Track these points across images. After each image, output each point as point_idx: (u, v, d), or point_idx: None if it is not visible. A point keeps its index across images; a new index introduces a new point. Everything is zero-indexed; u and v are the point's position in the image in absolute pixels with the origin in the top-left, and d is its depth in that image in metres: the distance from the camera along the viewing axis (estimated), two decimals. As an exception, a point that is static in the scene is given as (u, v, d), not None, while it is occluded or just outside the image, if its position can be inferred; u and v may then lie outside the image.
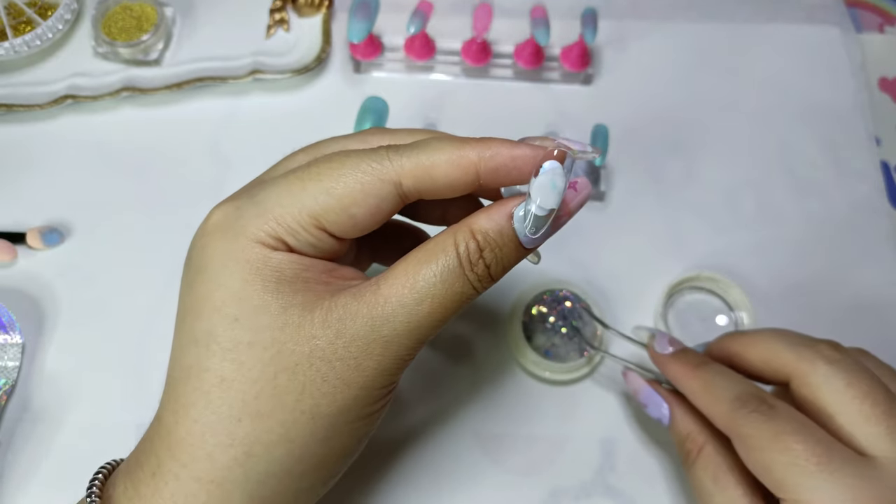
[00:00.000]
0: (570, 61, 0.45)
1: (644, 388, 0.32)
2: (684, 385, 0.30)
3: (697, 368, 0.29)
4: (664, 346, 0.32)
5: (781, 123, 0.45)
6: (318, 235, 0.24)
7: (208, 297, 0.23)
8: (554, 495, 0.34)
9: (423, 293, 0.23)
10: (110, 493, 0.24)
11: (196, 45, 0.46)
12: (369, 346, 0.23)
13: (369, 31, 0.42)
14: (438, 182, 0.23)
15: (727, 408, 0.27)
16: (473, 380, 0.37)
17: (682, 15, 0.49)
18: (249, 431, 0.23)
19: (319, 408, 0.23)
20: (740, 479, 0.27)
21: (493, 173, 0.23)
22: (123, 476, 0.24)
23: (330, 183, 0.23)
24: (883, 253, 0.41)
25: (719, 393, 0.28)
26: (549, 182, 0.22)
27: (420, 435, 0.36)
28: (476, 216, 0.24)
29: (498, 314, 0.38)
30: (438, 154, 0.23)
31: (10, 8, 0.46)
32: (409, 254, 0.24)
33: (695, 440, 0.29)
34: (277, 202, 0.23)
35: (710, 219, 0.42)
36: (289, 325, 0.23)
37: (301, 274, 0.24)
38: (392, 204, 0.24)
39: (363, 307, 0.23)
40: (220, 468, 0.23)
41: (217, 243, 0.23)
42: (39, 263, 0.39)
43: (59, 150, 0.43)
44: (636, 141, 0.44)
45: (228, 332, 0.23)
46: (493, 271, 0.24)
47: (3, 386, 0.35)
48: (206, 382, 0.23)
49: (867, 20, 0.51)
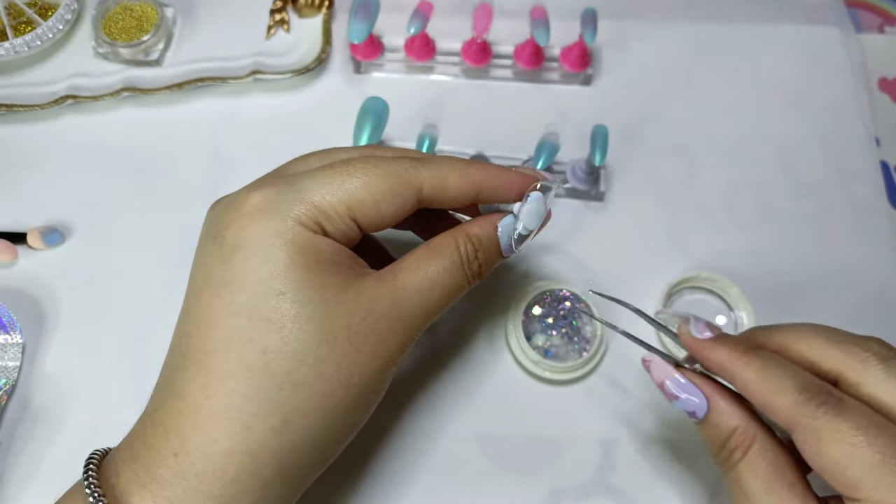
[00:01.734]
0: (569, 62, 0.45)
1: (674, 375, 0.28)
2: (735, 373, 0.26)
3: (751, 354, 0.26)
4: (702, 330, 0.28)
5: (781, 123, 0.45)
6: (350, 225, 0.26)
7: (253, 272, 0.24)
8: (554, 495, 0.34)
9: (435, 281, 0.27)
10: (112, 482, 0.24)
11: (196, 46, 0.46)
12: (392, 324, 0.26)
13: (369, 31, 0.42)
14: (449, 192, 0.28)
15: (792, 400, 0.24)
16: (473, 380, 0.37)
17: (682, 15, 0.49)
18: (288, 399, 0.24)
19: (353, 377, 0.25)
20: (794, 479, 0.25)
21: (490, 191, 0.29)
22: (128, 462, 0.24)
23: (367, 178, 0.26)
24: (883, 253, 0.41)
25: (781, 383, 0.25)
26: (535, 209, 0.29)
27: (420, 435, 0.36)
28: (470, 225, 0.29)
29: (498, 314, 0.38)
30: (451, 169, 0.28)
31: (10, 8, 0.46)
32: (417, 249, 0.28)
33: (742, 436, 0.26)
34: (318, 190, 0.26)
35: (709, 219, 0.42)
36: (328, 300, 0.25)
37: (335, 257, 0.26)
38: (412, 206, 0.28)
39: (386, 290, 0.26)
40: (255, 438, 0.24)
41: (260, 222, 0.25)
42: (40, 263, 0.39)
43: (60, 150, 0.43)
44: (636, 141, 0.44)
45: (274, 304, 0.24)
46: (483, 270, 0.29)
47: (3, 386, 0.35)
48: (247, 353, 0.24)
49: (867, 20, 0.51)
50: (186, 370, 0.24)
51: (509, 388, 0.37)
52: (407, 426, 0.36)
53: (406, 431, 0.36)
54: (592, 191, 0.42)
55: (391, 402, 0.36)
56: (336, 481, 0.34)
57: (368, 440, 0.35)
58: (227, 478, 0.23)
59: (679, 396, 0.28)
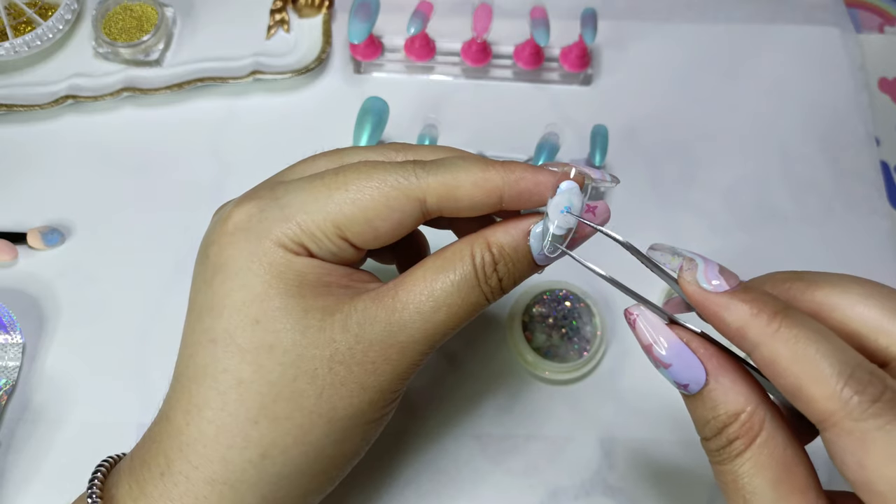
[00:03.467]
0: (569, 62, 0.45)
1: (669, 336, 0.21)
2: (759, 343, 0.19)
3: (780, 319, 0.19)
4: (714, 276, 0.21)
5: (781, 123, 0.45)
6: (340, 244, 0.24)
7: (229, 297, 0.23)
8: (554, 495, 0.34)
9: (440, 301, 0.23)
10: (112, 492, 0.24)
11: (196, 46, 0.46)
12: (386, 350, 0.23)
13: (369, 31, 0.42)
14: (461, 202, 0.23)
15: (832, 390, 0.18)
16: (473, 380, 0.37)
17: (682, 15, 0.49)
18: (265, 433, 0.23)
19: (336, 411, 0.23)
20: (805, 481, 0.19)
21: (516, 197, 0.23)
22: (127, 475, 0.24)
23: (357, 194, 0.23)
24: (883, 253, 0.41)
25: (819, 365, 0.18)
26: (566, 202, 0.23)
27: (420, 435, 0.36)
28: (493, 229, 0.24)
29: (498, 314, 0.38)
30: (464, 175, 0.23)
31: (10, 8, 0.46)
32: (426, 260, 0.24)
33: (748, 422, 0.20)
34: (302, 207, 0.23)
35: (709, 219, 0.42)
36: (310, 328, 0.23)
37: (322, 278, 0.24)
38: (414, 219, 0.24)
39: (382, 312, 0.23)
40: (233, 470, 0.23)
41: (239, 243, 0.23)
42: (40, 263, 0.39)
43: (60, 150, 0.43)
44: (636, 141, 0.44)
45: (249, 333, 0.23)
46: (505, 284, 0.24)
47: (3, 386, 0.35)
48: (222, 383, 0.23)
49: (867, 20, 0.51)
50: (174, 392, 0.24)
51: (509, 388, 0.37)
52: (407, 426, 0.36)
53: (406, 431, 0.36)
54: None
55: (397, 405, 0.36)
56: (336, 481, 0.34)
57: (368, 440, 0.35)
58: None
59: (670, 364, 0.21)
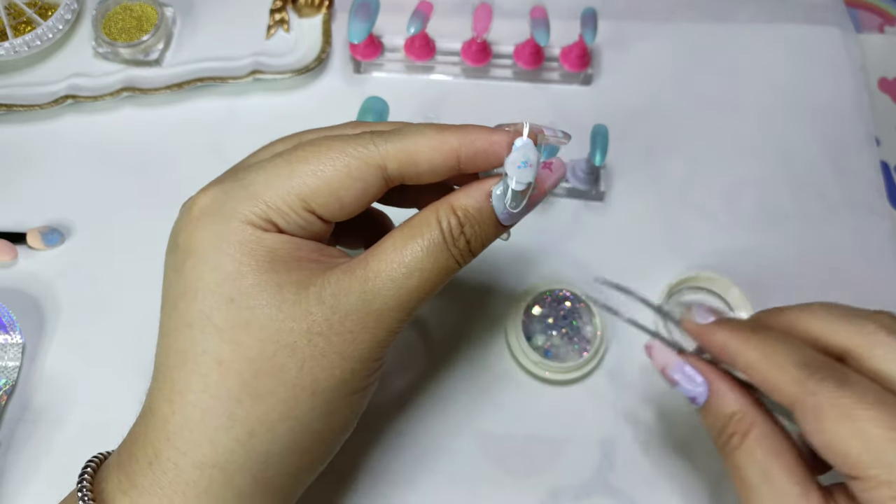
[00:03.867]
0: (569, 62, 0.45)
1: (675, 360, 0.28)
2: (736, 353, 0.25)
3: (752, 333, 0.25)
4: (705, 315, 0.27)
5: (781, 123, 0.45)
6: (307, 217, 0.24)
7: (201, 280, 0.23)
8: (554, 495, 0.34)
9: (411, 267, 0.24)
10: (102, 486, 0.24)
11: (196, 46, 0.46)
12: (363, 319, 0.24)
13: (369, 31, 0.42)
14: (421, 166, 0.24)
15: (793, 376, 0.23)
16: (473, 380, 0.37)
17: (682, 15, 0.49)
18: (250, 411, 0.23)
19: (318, 383, 0.23)
20: (792, 464, 0.24)
21: (473, 158, 0.24)
22: (114, 469, 0.24)
23: (318, 165, 0.24)
24: (883, 253, 0.41)
25: (781, 359, 0.24)
26: (522, 157, 0.24)
27: (420, 435, 0.36)
28: (456, 194, 0.25)
29: (498, 314, 0.38)
30: (421, 139, 0.24)
31: (10, 8, 0.46)
32: (394, 230, 0.25)
33: (740, 421, 0.25)
34: (266, 185, 0.24)
35: (710, 219, 0.42)
36: (285, 302, 0.23)
37: (293, 253, 0.24)
38: (377, 188, 0.24)
39: (355, 282, 0.24)
40: (222, 451, 0.23)
41: (207, 227, 0.24)
42: (40, 263, 0.39)
43: (60, 150, 0.43)
44: (636, 141, 0.44)
45: (224, 312, 0.23)
46: (473, 246, 0.25)
47: (3, 386, 0.35)
48: (203, 365, 0.23)
49: (867, 20, 0.51)
50: (156, 383, 0.24)
51: (509, 388, 0.37)
52: (407, 426, 0.36)
53: (406, 431, 0.36)
54: (592, 191, 0.42)
55: (391, 402, 0.36)
56: (335, 481, 0.34)
57: (368, 440, 0.35)
58: (199, 489, 0.23)
59: (679, 382, 0.27)
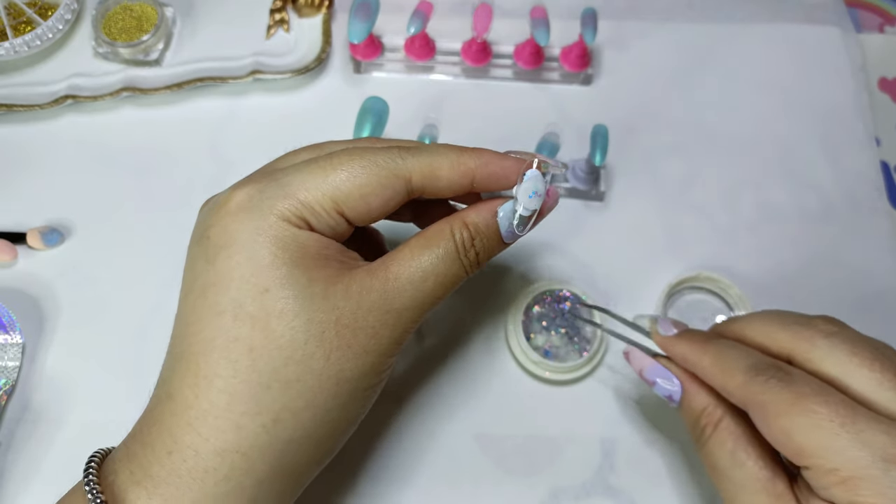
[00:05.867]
0: (569, 62, 0.45)
1: (650, 363, 0.31)
2: (694, 361, 0.29)
3: (706, 343, 0.29)
4: (668, 328, 0.31)
5: (781, 123, 0.45)
6: (337, 219, 0.26)
7: (236, 270, 0.24)
8: (554, 495, 0.34)
9: (428, 272, 0.26)
10: (110, 480, 0.24)
11: (196, 46, 0.46)
12: (384, 316, 0.25)
13: (369, 31, 0.42)
14: (441, 182, 0.27)
15: (742, 378, 0.26)
16: (473, 380, 0.37)
17: (682, 15, 0.49)
18: (277, 397, 0.24)
19: (343, 373, 0.25)
20: (760, 453, 0.26)
21: (486, 179, 0.27)
22: (124, 461, 0.24)
23: (352, 171, 0.26)
24: (883, 253, 0.41)
25: (733, 364, 0.27)
26: (533, 188, 0.27)
27: (420, 435, 0.36)
28: (467, 212, 0.28)
29: (498, 314, 0.38)
30: (442, 158, 0.27)
31: (10, 8, 0.46)
32: (410, 239, 0.27)
33: (710, 414, 0.28)
34: (302, 185, 0.25)
35: (709, 219, 0.42)
36: (315, 295, 0.24)
37: (321, 251, 0.25)
38: (400, 197, 0.27)
39: (377, 282, 0.25)
40: (246, 436, 0.24)
41: (244, 221, 0.25)
42: (40, 263, 0.39)
43: (60, 150, 0.43)
44: (636, 141, 0.44)
45: (259, 301, 0.24)
46: (481, 258, 0.28)
47: (3, 386, 0.35)
48: (233, 351, 0.24)
49: (867, 20, 0.51)
50: (177, 370, 0.25)
51: (509, 388, 0.37)
52: (407, 426, 0.36)
53: (406, 431, 0.36)
54: (592, 191, 0.42)
55: (392, 402, 0.36)
56: (336, 481, 0.34)
57: (369, 440, 0.35)
58: (219, 476, 0.23)
59: (655, 381, 0.30)
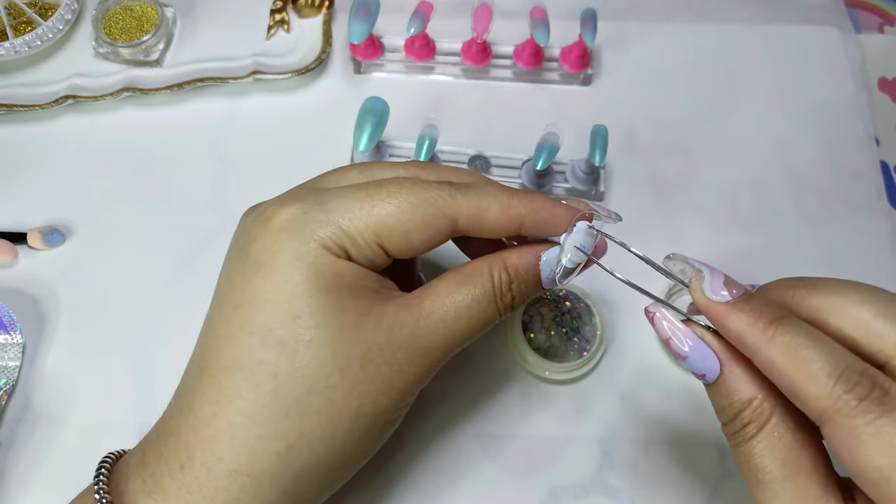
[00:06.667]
0: (569, 62, 0.45)
1: (683, 330, 0.24)
2: (756, 349, 0.22)
3: (775, 326, 0.21)
4: (720, 288, 0.23)
5: (781, 124, 0.45)
6: (376, 251, 0.25)
7: (272, 292, 0.24)
8: (554, 495, 0.34)
9: (462, 312, 0.25)
10: (122, 487, 0.24)
11: (197, 46, 0.46)
12: (412, 353, 0.25)
13: (370, 32, 0.42)
14: (487, 225, 0.26)
15: (825, 389, 0.20)
16: (473, 380, 0.37)
17: (682, 15, 0.49)
18: (295, 426, 0.23)
19: (363, 407, 0.24)
20: (813, 462, 0.21)
21: (535, 225, 0.26)
22: (139, 469, 0.24)
23: (398, 206, 0.25)
24: (883, 253, 0.41)
25: (812, 366, 0.20)
26: (581, 241, 0.26)
27: (420, 435, 0.36)
28: (509, 252, 0.27)
29: (498, 314, 0.38)
30: (492, 200, 0.26)
31: (10, 8, 0.46)
32: (447, 274, 0.26)
33: (758, 410, 0.22)
34: (346, 213, 0.25)
35: (709, 219, 0.42)
36: (346, 326, 0.24)
37: (358, 282, 0.25)
38: (444, 235, 0.26)
39: (409, 318, 0.25)
40: (259, 461, 0.23)
41: (285, 242, 0.25)
42: (40, 263, 0.39)
43: (60, 150, 0.43)
44: (636, 141, 0.44)
45: (289, 327, 0.24)
46: (516, 302, 0.27)
47: (3, 386, 0.35)
48: (258, 375, 0.24)
49: (867, 20, 0.51)
50: (200, 383, 0.24)
51: (509, 388, 0.37)
52: (407, 426, 0.36)
53: (406, 431, 0.36)
54: (592, 191, 0.42)
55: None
56: (336, 481, 0.34)
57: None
58: (229, 497, 0.23)
59: (687, 355, 0.24)
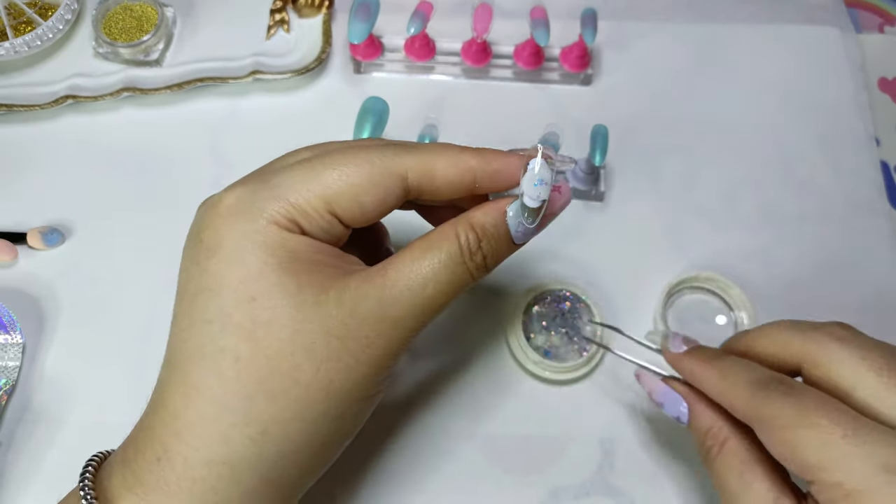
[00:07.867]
0: (569, 62, 0.45)
1: (660, 386, 0.31)
2: (701, 378, 0.28)
3: (714, 359, 0.28)
4: (678, 345, 0.31)
5: (781, 123, 0.45)
6: (330, 220, 0.25)
7: (224, 277, 0.24)
8: (554, 495, 0.34)
9: (428, 277, 0.25)
10: (105, 485, 0.24)
11: (196, 46, 0.46)
12: (379, 325, 0.24)
13: (369, 31, 0.42)
14: (438, 181, 0.26)
15: (746, 393, 0.25)
16: (473, 380, 0.37)
17: (682, 15, 0.49)
18: (264, 409, 0.23)
19: (333, 384, 0.24)
20: (766, 473, 0.26)
21: (489, 177, 0.26)
22: (119, 466, 0.24)
23: (343, 170, 0.25)
24: (883, 253, 0.41)
25: (737, 379, 0.26)
26: (538, 176, 0.25)
27: (420, 435, 0.36)
28: (473, 212, 0.26)
29: (498, 314, 0.38)
30: (440, 155, 0.26)
31: (10, 8, 0.46)
32: (413, 243, 0.26)
33: (716, 434, 0.28)
34: (292, 187, 0.24)
35: (709, 219, 0.42)
36: (305, 304, 0.23)
37: (314, 256, 0.24)
38: (396, 196, 0.25)
39: (373, 289, 0.24)
40: (234, 448, 0.23)
41: (233, 224, 0.24)
42: (40, 263, 0.39)
43: (60, 150, 0.43)
44: (636, 141, 0.44)
45: (246, 311, 0.23)
46: (489, 262, 0.26)
47: (3, 386, 0.35)
48: (221, 362, 0.23)
49: (867, 20, 0.51)
50: (170, 376, 0.24)
51: (509, 388, 0.37)
52: (407, 426, 0.36)
53: (406, 431, 0.36)
54: (592, 191, 0.42)
55: (391, 402, 0.36)
56: (335, 481, 0.34)
57: (368, 440, 0.35)
58: (206, 486, 0.23)
59: (663, 403, 0.30)
